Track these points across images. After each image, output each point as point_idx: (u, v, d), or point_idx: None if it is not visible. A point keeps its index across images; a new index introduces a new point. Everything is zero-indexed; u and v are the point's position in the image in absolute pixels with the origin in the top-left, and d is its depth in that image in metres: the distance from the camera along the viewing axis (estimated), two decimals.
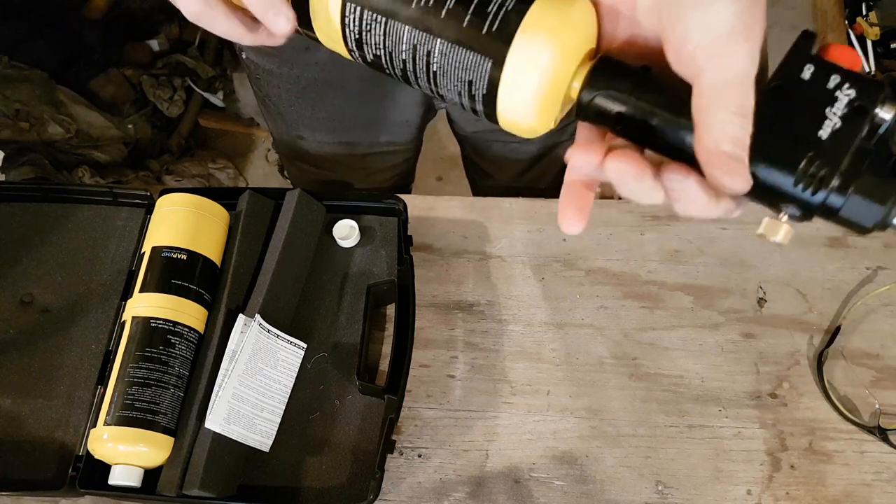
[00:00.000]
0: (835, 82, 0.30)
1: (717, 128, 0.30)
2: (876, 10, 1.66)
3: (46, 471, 0.57)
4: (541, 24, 0.33)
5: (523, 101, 0.34)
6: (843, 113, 0.29)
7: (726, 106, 0.29)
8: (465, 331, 0.65)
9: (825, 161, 0.29)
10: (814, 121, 0.30)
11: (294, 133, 0.80)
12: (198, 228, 0.62)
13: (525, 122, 0.35)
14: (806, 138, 0.29)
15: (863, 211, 0.30)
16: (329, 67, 0.70)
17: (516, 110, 0.35)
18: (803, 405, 0.61)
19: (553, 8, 0.33)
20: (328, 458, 0.58)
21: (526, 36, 0.33)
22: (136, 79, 1.65)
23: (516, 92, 0.34)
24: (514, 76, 0.33)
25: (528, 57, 0.33)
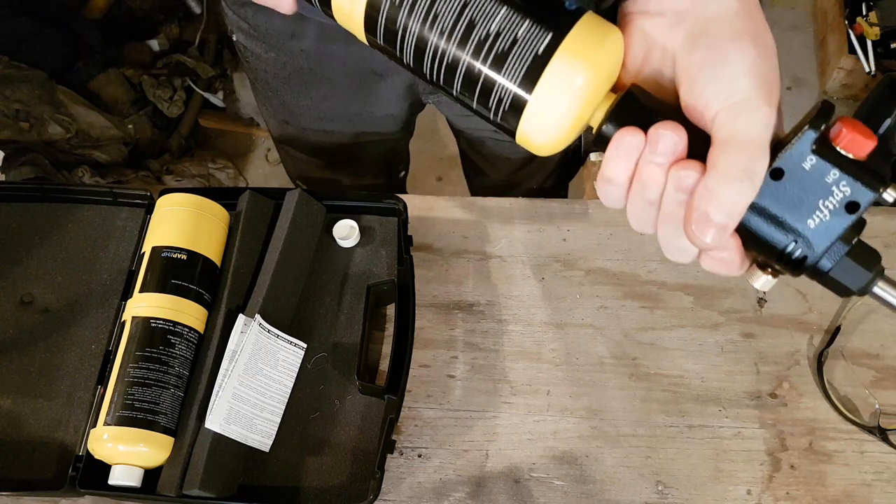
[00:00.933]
0: (833, 177, 0.32)
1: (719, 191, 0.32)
2: (876, 10, 1.66)
3: (46, 471, 0.57)
4: (579, 50, 0.33)
5: (546, 126, 0.35)
6: (833, 208, 0.32)
7: (734, 167, 0.31)
8: (465, 331, 0.65)
9: (809, 247, 0.33)
10: (807, 209, 0.33)
11: (280, 118, 0.80)
12: (198, 228, 0.62)
13: (542, 142, 0.36)
14: (797, 223, 0.33)
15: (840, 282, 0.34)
16: (315, 57, 0.70)
17: (537, 133, 0.35)
18: (803, 405, 0.61)
19: (589, 37, 0.33)
20: (328, 458, 0.58)
21: (563, 60, 0.33)
22: (136, 79, 1.65)
23: (541, 117, 0.34)
24: (541, 101, 0.34)
25: (558, 85, 0.33)
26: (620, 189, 0.35)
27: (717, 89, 0.33)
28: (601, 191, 0.36)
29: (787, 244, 0.33)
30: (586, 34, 0.33)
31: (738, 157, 0.32)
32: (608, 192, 0.36)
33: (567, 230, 0.69)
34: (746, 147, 0.32)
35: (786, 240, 0.33)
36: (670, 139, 0.33)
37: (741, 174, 0.31)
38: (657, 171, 0.33)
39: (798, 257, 0.33)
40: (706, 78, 0.33)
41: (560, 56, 0.33)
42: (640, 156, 0.34)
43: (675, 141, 0.33)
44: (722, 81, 0.33)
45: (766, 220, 0.33)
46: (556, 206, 0.71)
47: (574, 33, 0.33)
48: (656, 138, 0.33)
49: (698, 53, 0.34)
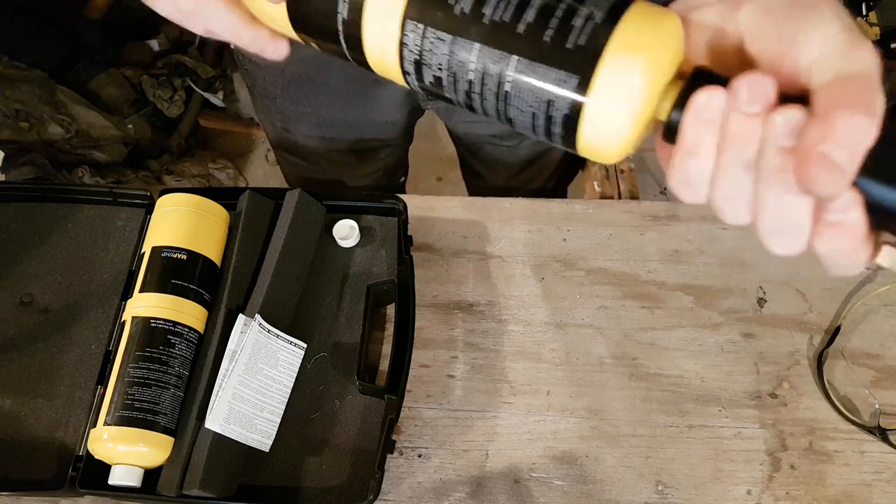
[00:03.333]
0: None
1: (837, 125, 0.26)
2: (876, 11, 1.66)
3: (46, 471, 0.57)
4: (633, 40, 0.29)
5: (611, 127, 0.31)
6: None
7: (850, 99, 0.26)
8: (465, 331, 0.65)
9: None
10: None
11: (279, 125, 0.80)
12: (198, 228, 0.62)
13: (609, 149, 0.32)
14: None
15: None
16: (313, 64, 0.70)
17: (602, 136, 0.31)
18: (803, 405, 0.61)
19: (645, 22, 0.30)
20: (328, 458, 0.58)
21: (617, 53, 0.29)
22: (136, 79, 1.65)
23: (603, 117, 0.30)
24: (602, 99, 0.30)
25: (620, 78, 0.30)
26: (706, 161, 0.30)
27: (807, 37, 0.28)
28: (681, 173, 0.31)
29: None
30: (638, 22, 0.30)
31: (850, 90, 0.27)
32: (691, 169, 0.30)
33: (567, 230, 0.69)
34: (859, 80, 0.27)
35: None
36: (760, 83, 0.28)
37: (858, 106, 0.26)
38: (751, 122, 0.28)
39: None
40: (790, 31, 0.29)
41: (614, 48, 0.29)
42: (724, 116, 0.29)
43: (766, 84, 0.28)
44: (811, 27, 0.28)
45: (892, 174, 0.27)
46: (556, 207, 0.71)
47: (627, 20, 0.29)
48: (742, 86, 0.28)
49: (773, 15, 0.29)
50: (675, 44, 0.31)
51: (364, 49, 0.36)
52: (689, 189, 0.31)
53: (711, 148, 0.29)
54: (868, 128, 0.26)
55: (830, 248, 0.29)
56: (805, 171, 0.26)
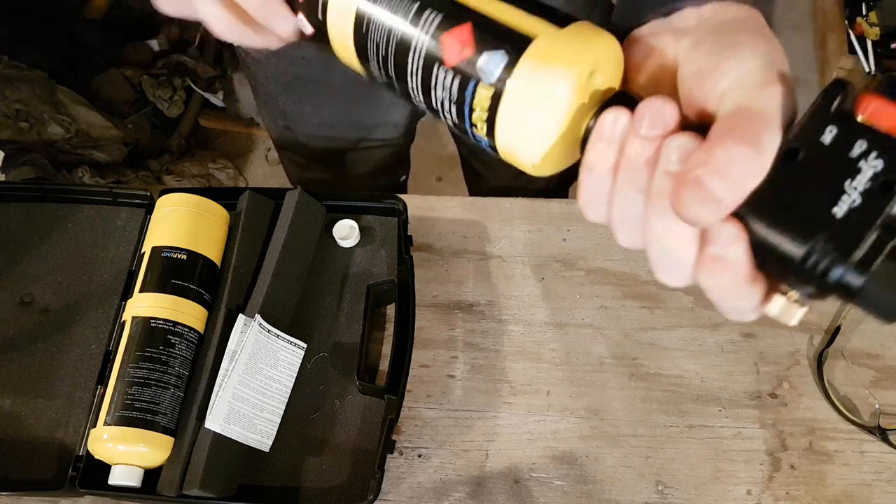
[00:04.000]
0: (860, 150, 0.25)
1: (717, 153, 0.26)
2: (876, 11, 1.66)
3: (46, 471, 0.57)
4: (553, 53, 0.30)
5: (528, 135, 0.31)
6: (864, 188, 0.25)
7: (738, 132, 0.26)
8: (465, 331, 0.65)
9: (838, 243, 0.25)
10: (831, 194, 0.25)
11: (281, 124, 0.80)
12: (198, 228, 0.62)
13: (526, 161, 0.32)
14: (819, 214, 0.25)
15: (883, 299, 0.25)
16: (315, 64, 0.70)
17: (518, 143, 0.31)
18: (803, 405, 0.61)
19: (581, 35, 0.30)
20: (328, 458, 0.58)
21: (532, 61, 0.30)
22: (136, 79, 1.65)
23: (516, 123, 0.30)
24: (514, 104, 0.30)
25: (534, 84, 0.29)
26: (604, 181, 0.30)
27: (725, 69, 0.28)
28: (583, 188, 0.31)
29: (809, 248, 0.25)
30: (567, 38, 0.30)
31: (743, 124, 0.26)
32: (590, 186, 0.31)
33: (567, 230, 0.69)
34: (755, 117, 0.26)
35: (807, 243, 0.25)
36: (660, 108, 0.28)
37: (743, 138, 0.26)
38: (648, 146, 0.28)
39: (825, 264, 0.25)
40: (713, 63, 0.29)
41: (529, 57, 0.30)
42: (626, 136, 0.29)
43: (667, 111, 0.28)
44: (731, 62, 0.28)
45: (781, 218, 0.26)
46: (556, 206, 0.71)
47: (545, 38, 0.30)
48: (644, 110, 0.28)
49: (705, 45, 0.30)
50: (602, 61, 0.31)
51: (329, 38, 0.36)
52: (591, 207, 0.31)
53: (609, 167, 0.30)
54: (749, 160, 0.26)
55: (713, 285, 0.28)
56: (677, 194, 0.26)
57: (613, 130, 0.29)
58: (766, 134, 0.26)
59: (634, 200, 0.30)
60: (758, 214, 0.26)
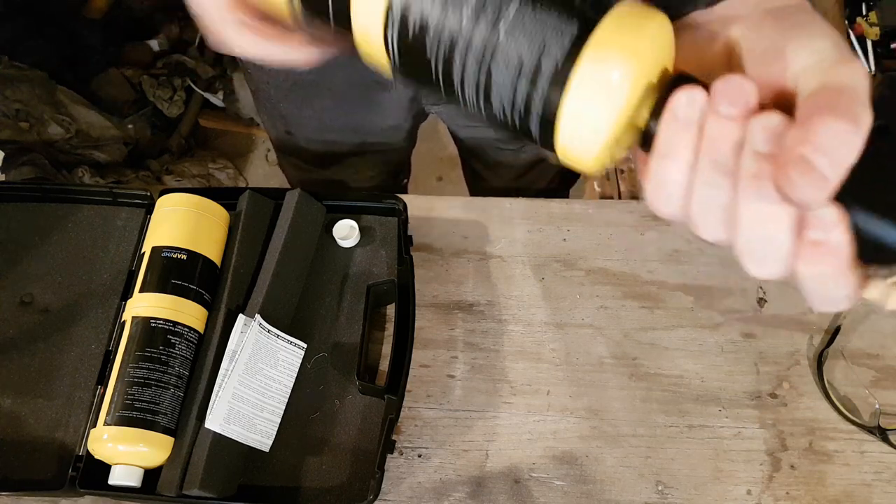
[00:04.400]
0: None
1: (819, 130, 0.25)
2: (876, 11, 1.66)
3: (46, 471, 0.57)
4: (614, 38, 0.28)
5: (589, 132, 0.29)
6: None
7: (835, 108, 0.25)
8: (465, 331, 0.65)
9: None
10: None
11: (282, 128, 0.80)
12: (198, 228, 0.62)
13: (587, 156, 0.30)
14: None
15: None
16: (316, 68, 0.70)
17: (579, 142, 0.29)
18: (803, 405, 0.61)
19: (630, 20, 0.28)
20: (328, 458, 0.58)
21: (596, 51, 0.27)
22: (136, 79, 1.65)
23: (580, 122, 0.29)
24: (579, 100, 0.28)
25: (599, 77, 0.28)
26: (683, 164, 0.28)
27: (796, 48, 0.27)
28: (656, 179, 0.29)
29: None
30: (621, 21, 0.28)
31: (835, 98, 0.25)
32: (667, 172, 0.28)
33: (567, 230, 0.69)
34: (844, 90, 0.25)
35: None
36: (740, 86, 0.26)
37: (841, 114, 0.25)
38: (731, 126, 0.27)
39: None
40: (780, 42, 0.28)
41: (591, 51, 0.27)
42: (702, 117, 0.27)
43: (746, 88, 0.26)
44: (801, 41, 0.27)
45: (880, 198, 0.25)
46: (556, 206, 0.71)
47: (606, 23, 0.28)
48: (724, 87, 0.27)
49: (765, 28, 0.29)
50: (660, 44, 0.29)
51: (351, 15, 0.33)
52: (665, 198, 0.29)
53: (688, 151, 0.28)
54: (850, 135, 0.25)
55: (813, 272, 0.27)
56: (783, 175, 0.25)
57: (689, 112, 0.28)
58: (861, 108, 0.25)
59: (721, 186, 0.28)
60: (855, 195, 0.25)
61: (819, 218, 0.26)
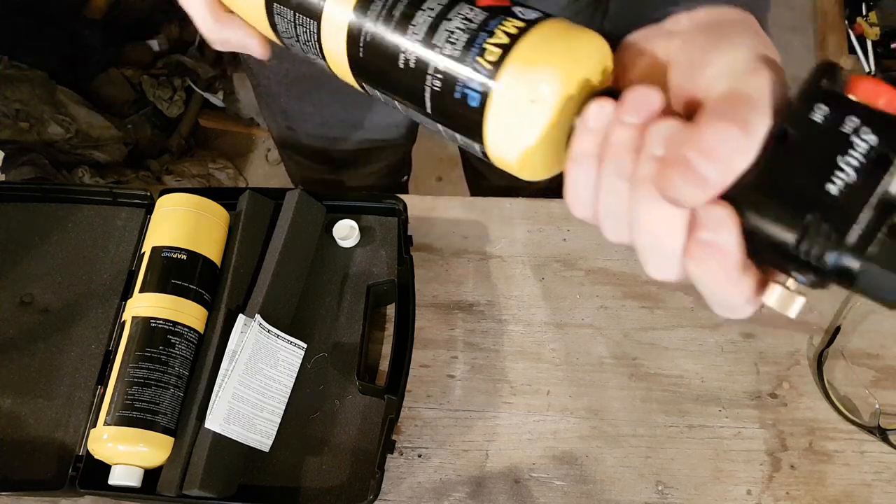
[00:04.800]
0: (852, 126, 0.24)
1: (704, 133, 0.25)
2: (876, 10, 1.66)
3: (46, 471, 0.57)
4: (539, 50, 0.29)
5: (516, 138, 0.30)
6: (858, 163, 0.24)
7: (726, 113, 0.26)
8: (465, 331, 0.65)
9: (833, 222, 0.24)
10: (823, 171, 0.24)
11: (283, 123, 0.80)
12: (198, 228, 0.62)
13: (516, 163, 0.31)
14: (811, 192, 0.24)
15: (884, 282, 0.24)
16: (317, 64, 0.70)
17: (505, 149, 0.31)
18: (803, 405, 0.61)
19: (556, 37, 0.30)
20: (328, 458, 0.58)
21: (519, 62, 0.29)
22: (136, 79, 1.65)
23: (504, 127, 0.30)
24: (502, 108, 0.29)
25: (521, 86, 0.29)
26: (589, 169, 0.29)
27: (713, 59, 0.28)
28: (568, 182, 0.30)
29: (803, 227, 0.24)
30: (549, 36, 0.29)
31: (730, 106, 0.26)
32: (575, 178, 0.30)
33: (567, 230, 0.69)
34: (743, 99, 0.26)
35: (800, 222, 0.24)
36: (643, 95, 0.28)
37: (733, 119, 0.25)
38: (632, 133, 0.28)
39: (820, 245, 0.24)
40: (701, 55, 0.29)
41: (516, 57, 0.29)
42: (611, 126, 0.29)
43: (652, 97, 0.28)
44: (719, 52, 0.28)
45: (772, 199, 0.25)
46: (556, 206, 0.71)
47: (531, 36, 0.29)
48: (628, 97, 0.28)
49: (696, 42, 0.30)
50: (587, 60, 0.30)
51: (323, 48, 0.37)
52: (577, 201, 0.31)
53: (594, 158, 0.29)
54: (736, 139, 0.25)
55: (703, 273, 0.27)
56: (662, 174, 0.26)
57: (598, 120, 0.29)
58: (754, 114, 0.26)
59: (620, 189, 0.29)
60: (748, 197, 0.25)
61: (709, 218, 0.26)
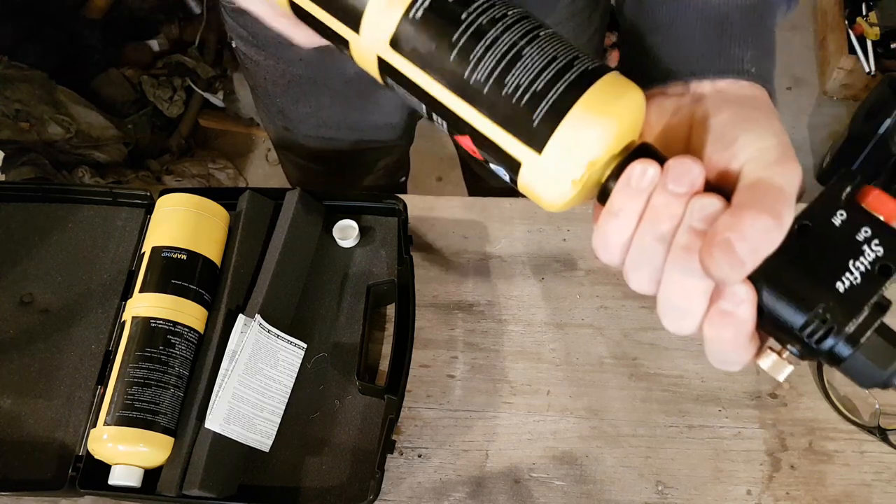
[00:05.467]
0: (864, 235, 0.29)
1: (745, 221, 0.29)
2: (876, 10, 1.66)
3: (46, 471, 0.57)
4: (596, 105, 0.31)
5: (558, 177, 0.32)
6: (865, 269, 0.29)
7: (763, 204, 0.29)
8: (465, 331, 0.65)
9: (836, 315, 0.28)
10: (835, 270, 0.29)
11: (280, 124, 0.80)
12: (198, 228, 0.62)
13: (550, 199, 0.34)
14: (823, 286, 0.29)
15: (865, 370, 0.29)
16: (313, 65, 0.70)
17: (546, 184, 0.33)
18: (803, 405, 0.61)
19: (612, 92, 0.32)
20: (328, 458, 0.58)
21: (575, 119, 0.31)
22: (136, 79, 1.65)
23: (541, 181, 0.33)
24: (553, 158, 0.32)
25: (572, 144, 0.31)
26: (627, 224, 0.32)
27: (744, 141, 0.32)
28: (602, 230, 0.33)
29: (811, 315, 0.29)
30: (605, 91, 0.32)
31: (767, 196, 0.30)
32: (611, 228, 0.33)
33: (567, 230, 0.69)
34: (776, 190, 0.30)
35: (809, 309, 0.29)
36: (689, 168, 0.31)
37: (768, 210, 0.29)
38: (674, 201, 0.31)
39: (821, 332, 0.29)
40: (733, 132, 0.32)
41: (576, 111, 0.31)
42: (654, 188, 0.32)
43: (696, 171, 0.31)
44: (751, 135, 0.32)
45: (789, 285, 0.29)
46: None
47: (593, 90, 0.31)
48: (675, 166, 0.31)
49: (725, 114, 0.33)
50: (631, 115, 0.33)
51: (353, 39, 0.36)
52: (606, 249, 0.33)
53: (633, 215, 0.32)
54: (771, 230, 0.29)
55: (717, 336, 0.31)
56: (708, 252, 0.29)
57: (641, 181, 0.31)
58: (786, 208, 0.29)
59: (655, 250, 0.32)
60: (769, 279, 0.29)
61: (732, 292, 0.30)
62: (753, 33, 0.36)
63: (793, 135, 1.72)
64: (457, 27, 0.33)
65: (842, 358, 0.29)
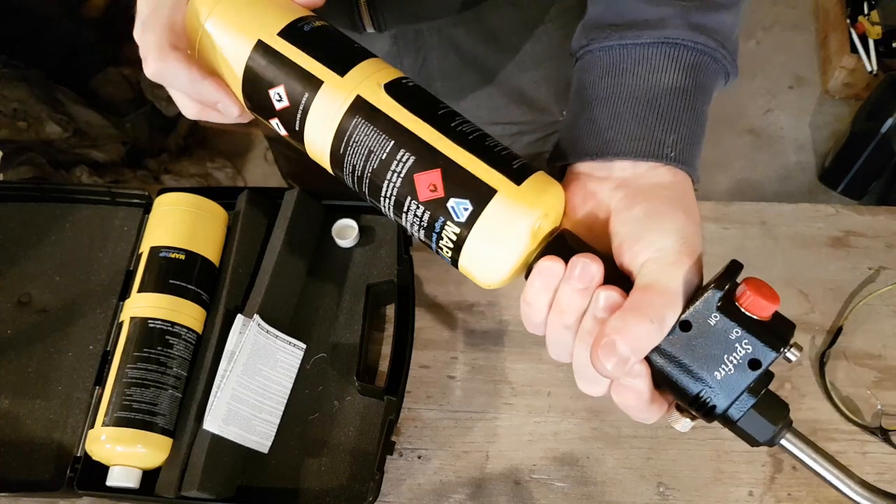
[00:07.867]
0: (736, 335, 0.35)
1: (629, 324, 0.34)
2: (878, 9, 1.66)
3: (44, 472, 0.57)
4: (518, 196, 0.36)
5: (485, 259, 0.37)
6: (737, 362, 0.34)
7: (648, 309, 0.34)
8: (465, 331, 0.65)
9: (715, 398, 0.35)
10: (714, 361, 0.35)
11: None
12: (196, 228, 0.61)
13: (481, 278, 0.38)
14: (704, 375, 0.35)
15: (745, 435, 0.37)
16: None
17: (473, 273, 0.37)
18: (805, 406, 0.61)
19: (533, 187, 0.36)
20: (327, 459, 0.58)
21: (493, 213, 0.35)
22: (134, 78, 1.64)
23: (476, 260, 0.37)
24: (476, 246, 0.36)
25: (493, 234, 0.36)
26: (540, 313, 0.37)
27: (648, 241, 0.35)
28: (523, 313, 0.38)
29: (698, 391, 0.35)
30: (530, 186, 0.36)
31: (653, 301, 0.34)
32: (528, 315, 0.37)
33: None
34: (662, 295, 0.34)
35: (697, 387, 0.35)
36: (588, 267, 0.35)
37: (652, 316, 0.34)
38: (574, 297, 0.35)
39: (709, 405, 0.35)
40: (640, 230, 0.36)
41: (498, 200, 0.36)
42: (559, 283, 0.36)
43: (593, 269, 0.35)
44: (653, 235, 0.36)
45: (679, 367, 0.35)
46: None
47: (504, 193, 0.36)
48: (574, 265, 0.35)
49: (636, 209, 0.37)
50: (551, 209, 0.37)
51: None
52: (530, 326, 0.38)
53: (544, 305, 0.37)
54: (651, 333, 0.34)
55: (622, 402, 0.36)
56: (595, 352, 0.34)
57: (549, 278, 0.36)
58: (669, 312, 0.34)
59: (563, 335, 0.37)
60: (665, 357, 0.35)
61: (629, 370, 0.35)
62: (679, 117, 0.38)
63: (794, 134, 1.72)
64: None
65: (731, 421, 0.36)
